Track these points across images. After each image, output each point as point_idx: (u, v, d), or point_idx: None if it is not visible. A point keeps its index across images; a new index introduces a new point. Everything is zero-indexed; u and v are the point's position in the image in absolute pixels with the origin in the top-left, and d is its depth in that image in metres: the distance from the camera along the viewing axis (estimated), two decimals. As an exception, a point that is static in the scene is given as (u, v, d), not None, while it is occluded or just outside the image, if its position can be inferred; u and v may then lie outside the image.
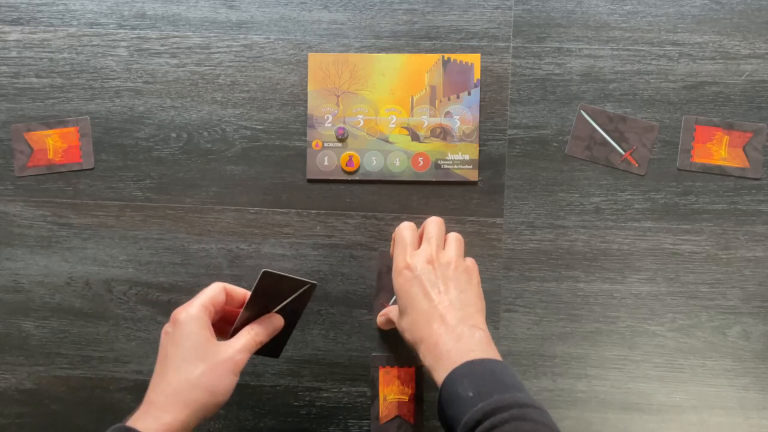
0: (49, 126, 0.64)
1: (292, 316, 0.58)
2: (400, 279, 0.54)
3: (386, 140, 0.64)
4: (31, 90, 0.64)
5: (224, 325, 0.55)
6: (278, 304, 0.56)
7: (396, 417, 0.64)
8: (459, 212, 0.64)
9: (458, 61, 0.63)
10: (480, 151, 0.63)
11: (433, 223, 0.58)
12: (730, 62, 0.63)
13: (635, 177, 0.63)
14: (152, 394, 0.49)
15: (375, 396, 0.64)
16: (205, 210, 0.64)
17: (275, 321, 0.55)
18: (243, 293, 0.55)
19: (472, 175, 0.63)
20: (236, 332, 0.53)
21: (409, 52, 0.63)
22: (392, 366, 0.64)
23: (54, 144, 0.64)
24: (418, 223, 0.59)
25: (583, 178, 0.63)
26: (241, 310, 0.54)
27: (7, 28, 0.64)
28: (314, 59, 0.63)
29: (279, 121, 0.64)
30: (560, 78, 0.63)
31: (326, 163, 0.64)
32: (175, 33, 0.64)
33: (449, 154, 0.63)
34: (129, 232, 0.64)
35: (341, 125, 0.64)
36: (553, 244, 0.63)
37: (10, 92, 0.64)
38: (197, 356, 0.49)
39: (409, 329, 0.53)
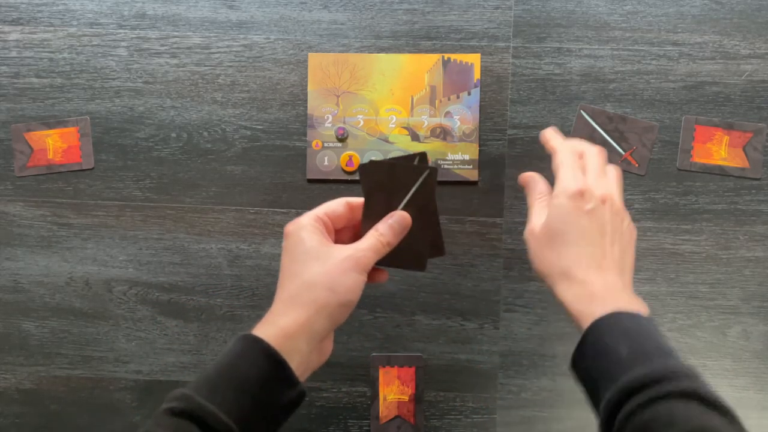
0: (49, 126, 0.64)
1: (424, 214, 0.50)
2: (570, 204, 0.48)
3: (386, 140, 0.64)
4: (31, 90, 0.64)
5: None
6: (401, 200, 0.49)
7: (396, 417, 0.64)
8: (459, 212, 0.64)
9: (458, 61, 0.63)
10: (480, 151, 0.63)
11: (599, 155, 0.52)
12: (730, 62, 0.63)
13: (635, 177, 0.63)
14: (273, 305, 0.46)
15: (375, 396, 0.64)
16: (205, 210, 0.64)
17: (400, 218, 0.49)
18: None
19: (472, 175, 0.63)
20: None
21: (409, 52, 0.63)
22: (392, 366, 0.64)
23: (54, 144, 0.64)
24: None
25: (583, 178, 0.63)
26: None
27: (7, 28, 0.64)
28: (314, 59, 0.63)
29: (279, 121, 0.64)
30: (560, 78, 0.63)
31: (326, 163, 0.64)
32: (175, 33, 0.64)
33: (449, 154, 0.63)
34: (129, 232, 0.64)
35: (341, 125, 0.64)
36: (553, 244, 0.63)
37: (10, 92, 0.64)
38: (311, 258, 0.46)
39: (557, 259, 0.48)
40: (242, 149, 0.64)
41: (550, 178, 0.63)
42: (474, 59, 0.63)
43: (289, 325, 0.44)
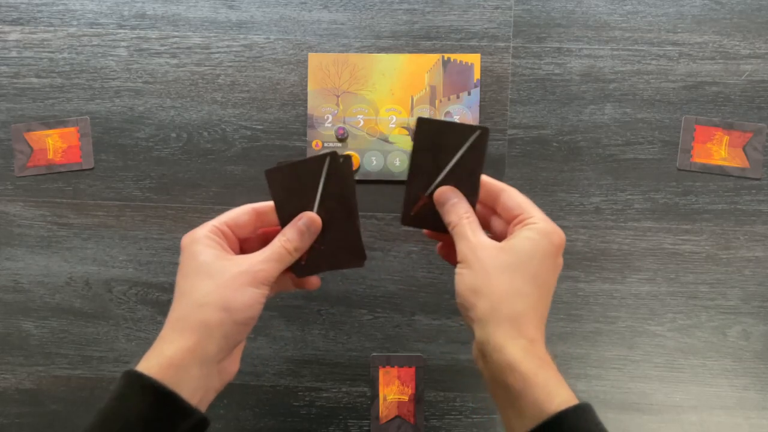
0: (49, 126, 0.64)
1: (345, 206, 0.46)
2: (552, 250, 0.42)
3: (386, 140, 0.64)
4: (31, 90, 0.64)
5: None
6: (313, 200, 0.45)
7: (396, 417, 0.64)
8: (459, 212, 0.64)
9: (458, 61, 0.63)
10: (480, 151, 0.63)
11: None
12: (730, 62, 0.63)
13: (635, 176, 0.63)
14: (162, 330, 0.42)
15: (375, 396, 0.64)
16: (205, 210, 0.64)
17: (308, 219, 0.44)
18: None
19: (472, 175, 0.63)
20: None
21: (409, 52, 0.63)
22: (392, 366, 0.64)
23: (54, 144, 0.64)
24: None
25: (583, 178, 0.63)
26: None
27: (7, 28, 0.64)
28: (314, 59, 0.63)
29: (279, 121, 0.64)
30: (560, 78, 0.63)
31: (326, 163, 0.64)
32: (175, 33, 0.64)
33: (449, 154, 0.63)
34: (129, 232, 0.64)
35: (341, 125, 0.64)
36: (553, 244, 0.63)
37: (10, 92, 0.64)
38: (203, 274, 0.42)
39: (513, 295, 0.40)
40: (242, 149, 0.64)
41: (548, 178, 0.63)
42: (474, 59, 0.63)
43: (175, 353, 0.40)
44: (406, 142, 0.63)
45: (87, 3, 0.64)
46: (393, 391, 0.64)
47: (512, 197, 0.44)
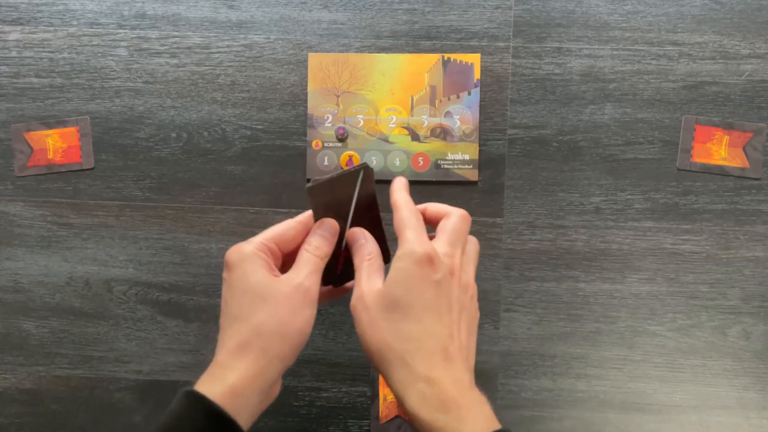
0: (49, 126, 0.64)
1: (365, 213, 0.49)
2: (416, 270, 0.41)
3: (386, 140, 0.64)
4: (31, 90, 0.64)
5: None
6: (348, 212, 0.47)
7: (396, 417, 0.64)
8: (459, 212, 0.64)
9: (458, 61, 0.63)
10: (480, 151, 0.63)
11: (464, 222, 0.46)
12: (730, 62, 0.63)
13: (635, 176, 0.63)
14: (218, 353, 0.42)
15: (375, 396, 0.64)
16: (205, 210, 0.64)
17: (327, 225, 0.46)
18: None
19: (472, 175, 0.63)
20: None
21: (409, 52, 0.63)
22: (392, 366, 0.64)
23: (54, 144, 0.64)
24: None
25: (583, 178, 0.63)
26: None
27: (7, 28, 0.64)
28: (314, 59, 0.64)
29: (279, 121, 0.64)
30: (560, 78, 0.63)
31: (326, 163, 0.64)
32: (175, 33, 0.64)
33: (449, 154, 0.63)
34: (129, 232, 0.64)
35: (341, 125, 0.64)
36: (553, 244, 0.64)
37: (10, 92, 0.64)
38: (257, 299, 0.41)
39: (395, 337, 0.40)
40: (242, 149, 0.64)
41: (548, 178, 0.63)
42: (474, 59, 0.63)
43: (237, 380, 0.40)
44: (406, 142, 0.63)
45: (87, 3, 0.64)
46: (393, 391, 0.64)
47: (396, 219, 0.46)
